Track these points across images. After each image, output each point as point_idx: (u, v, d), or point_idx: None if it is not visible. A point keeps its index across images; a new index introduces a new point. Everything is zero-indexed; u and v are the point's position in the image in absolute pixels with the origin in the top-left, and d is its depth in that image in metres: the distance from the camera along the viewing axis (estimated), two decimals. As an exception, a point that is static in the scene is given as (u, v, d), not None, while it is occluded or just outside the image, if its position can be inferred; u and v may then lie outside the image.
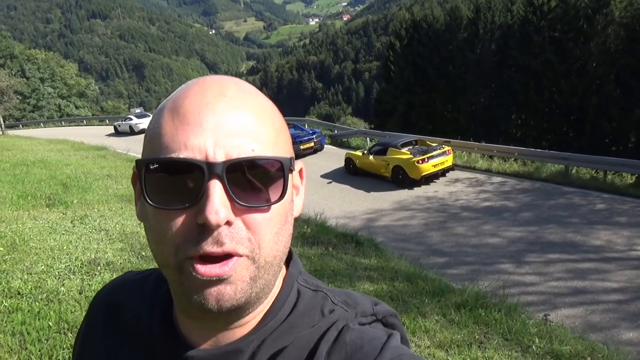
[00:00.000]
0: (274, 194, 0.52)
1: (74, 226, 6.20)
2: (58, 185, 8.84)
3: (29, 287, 4.08)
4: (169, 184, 0.50)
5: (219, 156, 0.49)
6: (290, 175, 0.55)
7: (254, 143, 0.51)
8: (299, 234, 7.31)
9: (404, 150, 13.15)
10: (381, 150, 13.56)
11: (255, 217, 0.51)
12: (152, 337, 0.61)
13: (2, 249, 5.07)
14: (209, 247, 0.49)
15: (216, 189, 0.48)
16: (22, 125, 38.19)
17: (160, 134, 0.51)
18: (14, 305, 3.74)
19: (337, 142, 19.74)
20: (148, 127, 0.56)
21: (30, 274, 4.41)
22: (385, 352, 0.55)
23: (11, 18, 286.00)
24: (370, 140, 18.18)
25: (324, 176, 14.52)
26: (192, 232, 0.49)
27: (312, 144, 16.82)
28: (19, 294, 3.97)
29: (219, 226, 0.48)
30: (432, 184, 12.82)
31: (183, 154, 0.49)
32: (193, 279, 0.49)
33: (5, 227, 5.88)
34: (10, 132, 30.45)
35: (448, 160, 13.00)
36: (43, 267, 4.60)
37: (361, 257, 6.48)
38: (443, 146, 13.35)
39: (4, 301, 3.82)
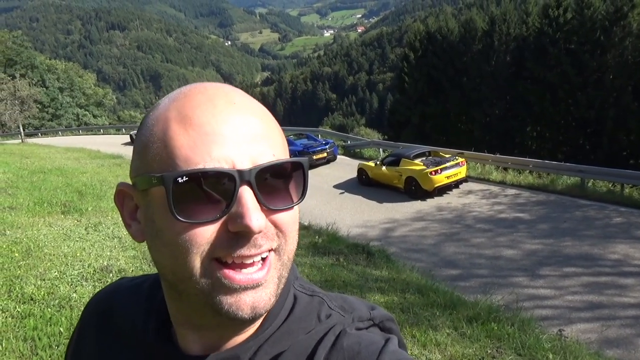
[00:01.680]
0: (295, 194, 0.54)
1: (87, 233, 6.27)
2: (74, 192, 8.96)
3: (42, 293, 4.13)
4: (196, 196, 0.49)
5: (245, 164, 0.49)
6: None
7: (272, 147, 0.52)
8: (310, 244, 7.29)
9: (417, 161, 13.09)
10: (394, 161, 13.52)
11: (282, 217, 0.53)
12: (147, 344, 0.60)
13: (17, 254, 5.15)
14: (245, 250, 0.49)
15: (249, 195, 0.49)
16: (41, 134, 38.90)
17: (174, 146, 0.50)
18: (27, 310, 3.78)
19: (350, 152, 19.74)
20: (144, 139, 0.53)
21: (44, 280, 4.46)
22: (383, 356, 0.55)
23: (33, 29, 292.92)
24: (383, 151, 18.15)
25: (336, 187, 14.50)
26: (222, 240, 0.49)
27: (325, 154, 16.83)
28: (32, 299, 4.01)
29: (260, 231, 0.49)
30: (445, 195, 12.72)
31: (209, 165, 0.48)
32: (225, 288, 0.49)
33: (21, 234, 5.97)
34: (30, 140, 31.05)
35: (462, 171, 12.91)
36: (56, 273, 4.65)
37: (372, 268, 6.44)
38: (457, 157, 13.27)
39: (17, 306, 3.86)
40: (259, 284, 0.50)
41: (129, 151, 21.67)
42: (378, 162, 14.16)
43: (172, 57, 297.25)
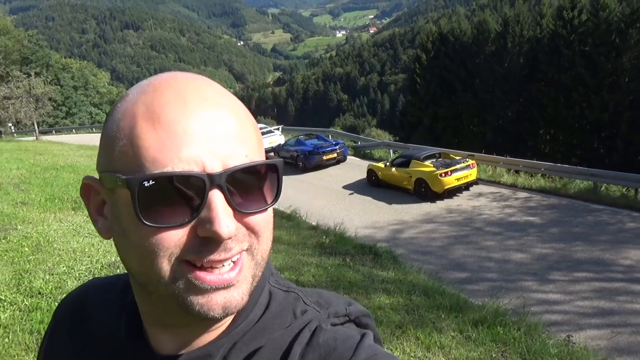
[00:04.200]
0: (269, 195, 0.52)
1: (97, 230, 6.33)
2: (85, 189, 9.05)
3: (50, 287, 4.18)
4: (164, 200, 0.47)
5: (216, 166, 0.47)
6: None
7: (244, 148, 0.50)
8: (317, 244, 7.29)
9: (427, 162, 13.02)
10: (404, 162, 13.46)
11: (255, 219, 0.51)
12: (120, 343, 0.60)
13: (27, 249, 5.22)
14: (215, 255, 0.48)
15: (219, 200, 0.47)
16: (55, 131, 39.39)
17: (141, 145, 0.47)
18: (34, 304, 3.83)
19: (360, 153, 19.70)
20: (110, 133, 0.50)
21: (52, 274, 4.51)
22: (360, 351, 0.54)
23: (49, 28, 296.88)
24: (394, 152, 18.09)
25: (345, 187, 14.49)
26: (191, 244, 0.48)
27: (335, 154, 16.81)
28: (39, 293, 4.06)
29: (229, 238, 0.48)
30: (455, 197, 12.64)
31: (178, 167, 0.46)
32: (196, 289, 0.48)
33: (32, 229, 6.04)
34: (44, 137, 31.44)
35: (472, 174, 12.81)
36: (65, 268, 4.70)
37: (379, 269, 6.42)
38: (467, 160, 13.17)
39: (25, 300, 3.91)
40: (231, 284, 0.49)
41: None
42: (388, 163, 14.11)
43: (185, 57, 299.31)
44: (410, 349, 3.88)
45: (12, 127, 35.91)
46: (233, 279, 0.49)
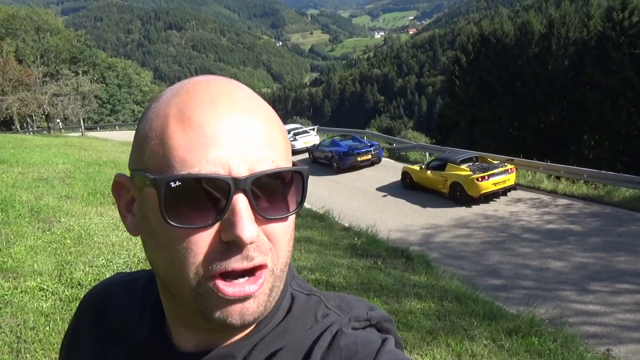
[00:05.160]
0: (292, 203, 0.52)
1: (135, 224, 6.52)
2: (125, 184, 9.35)
3: (89, 279, 4.34)
4: (189, 201, 0.48)
5: (242, 170, 0.48)
6: None
7: (272, 153, 0.50)
8: (349, 245, 7.27)
9: (463, 166, 12.77)
10: (439, 165, 13.26)
11: (275, 227, 0.51)
12: (142, 340, 0.60)
13: (69, 241, 5.43)
14: (237, 263, 0.48)
15: (243, 204, 0.47)
16: (100, 128, 40.90)
17: (171, 146, 0.48)
18: (74, 295, 3.99)
19: (395, 155, 19.53)
20: (143, 132, 0.52)
21: (92, 266, 4.68)
22: (381, 356, 0.54)
23: (97, 29, 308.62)
24: (430, 155, 17.84)
25: (379, 189, 14.39)
26: (216, 249, 0.48)
27: (370, 156, 16.72)
28: (79, 284, 4.22)
29: (252, 243, 0.48)
30: (491, 202, 12.34)
31: (205, 169, 0.47)
32: (216, 298, 0.49)
33: (74, 222, 6.29)
34: (89, 133, 32.69)
35: (510, 178, 12.48)
36: (104, 261, 4.87)
37: (410, 273, 6.34)
38: (505, 164, 12.84)
39: (65, 290, 4.08)
40: (250, 297, 0.49)
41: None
42: (423, 166, 13.92)
43: (224, 57, 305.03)
44: (441, 355, 3.82)
45: (60, 123, 37.57)
46: (252, 292, 0.49)
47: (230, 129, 0.48)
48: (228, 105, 0.50)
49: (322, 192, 13.58)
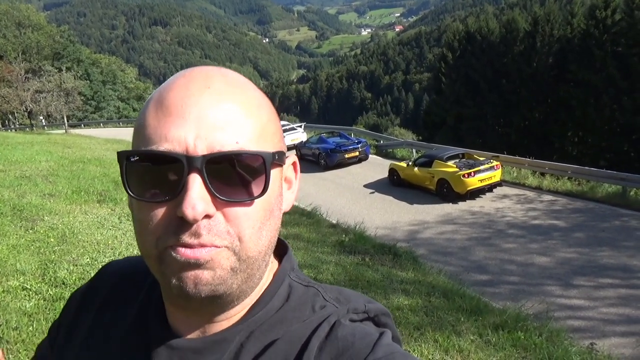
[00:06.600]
0: (257, 188, 0.51)
1: (120, 222, 6.46)
2: (110, 182, 9.24)
3: (74, 277, 4.28)
4: (150, 176, 0.50)
5: (199, 149, 0.48)
6: (279, 170, 0.56)
7: (237, 136, 0.50)
8: (337, 242, 7.28)
9: (450, 163, 12.85)
10: (426, 162, 13.33)
11: (236, 211, 0.51)
12: (145, 323, 0.62)
13: (53, 240, 5.35)
14: (187, 238, 0.49)
15: (195, 182, 0.48)
16: (84, 125, 40.32)
17: (144, 125, 0.51)
18: (58, 294, 3.93)
19: (382, 152, 19.59)
20: (137, 120, 0.56)
21: (76, 265, 4.62)
22: (378, 349, 0.54)
23: (80, 24, 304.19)
24: (416, 152, 17.93)
25: (366, 186, 14.43)
26: (173, 224, 0.49)
27: (357, 153, 16.75)
28: (63, 283, 4.16)
29: (195, 221, 0.48)
30: (477, 199, 12.45)
31: (163, 146, 0.49)
32: (172, 262, 0.50)
33: (58, 220, 6.20)
34: (73, 131, 32.22)
35: (496, 175, 12.60)
36: (88, 259, 4.81)
37: (398, 270, 6.37)
38: (491, 161, 12.95)
39: (49, 289, 4.01)
40: (198, 262, 0.49)
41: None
42: (410, 163, 13.98)
43: (210, 53, 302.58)
44: (429, 351, 3.84)
45: (43, 120, 36.95)
46: (199, 257, 0.49)
47: (197, 110, 0.50)
48: (199, 89, 0.51)
49: (309, 189, 13.57)
